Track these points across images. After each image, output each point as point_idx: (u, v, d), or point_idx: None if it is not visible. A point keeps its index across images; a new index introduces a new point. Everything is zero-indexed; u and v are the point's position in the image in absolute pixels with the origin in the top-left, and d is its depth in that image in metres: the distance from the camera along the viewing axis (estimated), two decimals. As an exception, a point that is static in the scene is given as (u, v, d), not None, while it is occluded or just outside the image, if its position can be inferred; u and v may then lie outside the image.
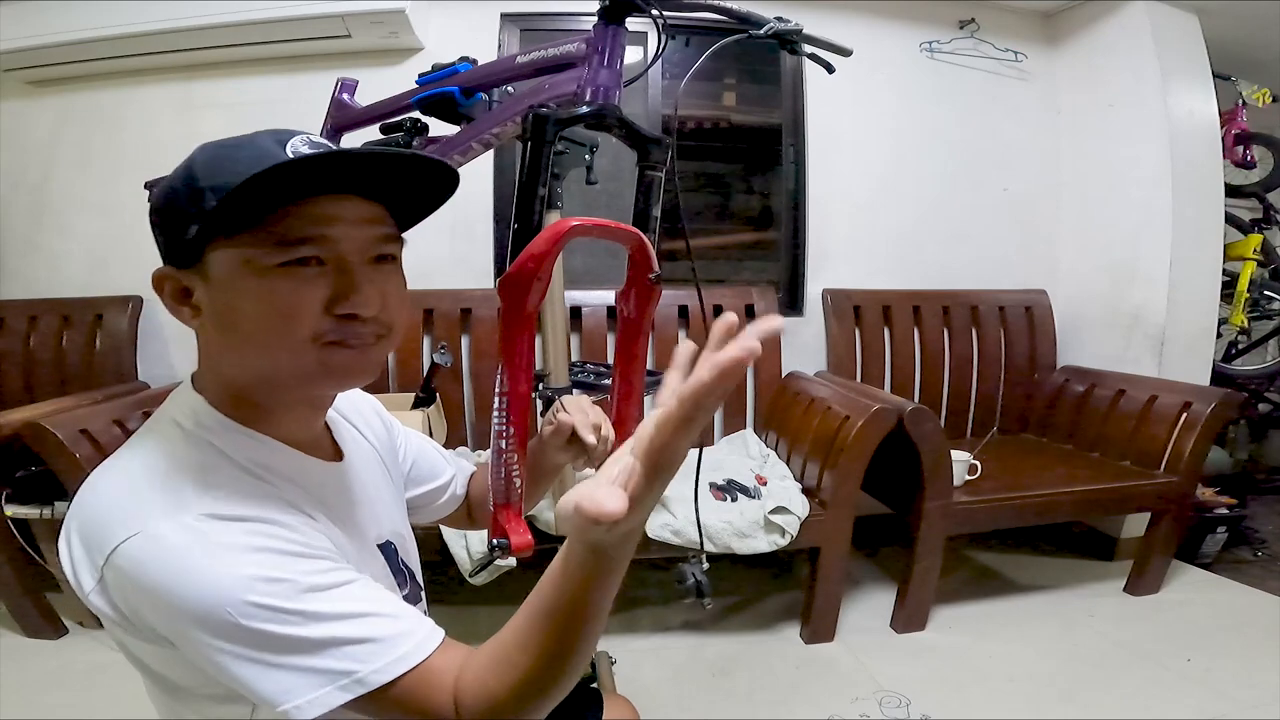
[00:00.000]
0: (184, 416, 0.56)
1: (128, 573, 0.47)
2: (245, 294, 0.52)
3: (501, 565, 1.46)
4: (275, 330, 0.52)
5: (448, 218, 2.24)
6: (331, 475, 0.64)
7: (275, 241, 0.51)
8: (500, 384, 0.80)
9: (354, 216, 0.54)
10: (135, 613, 0.49)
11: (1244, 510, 2.42)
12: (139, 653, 0.54)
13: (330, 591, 0.49)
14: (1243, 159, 2.74)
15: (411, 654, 0.49)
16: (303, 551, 0.50)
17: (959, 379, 2.48)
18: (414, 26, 2.08)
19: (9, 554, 1.72)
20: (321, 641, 0.47)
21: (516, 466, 0.82)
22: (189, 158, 0.53)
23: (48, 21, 2.00)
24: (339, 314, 0.53)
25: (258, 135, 0.54)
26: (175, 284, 0.55)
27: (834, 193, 2.46)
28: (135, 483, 0.51)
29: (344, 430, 0.70)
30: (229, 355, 0.55)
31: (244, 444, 0.56)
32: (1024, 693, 1.63)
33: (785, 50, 1.18)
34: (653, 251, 0.76)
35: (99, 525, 0.49)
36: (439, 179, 0.58)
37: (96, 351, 2.17)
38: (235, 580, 0.46)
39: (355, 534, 0.63)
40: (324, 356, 0.54)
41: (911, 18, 2.47)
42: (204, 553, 0.47)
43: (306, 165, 0.50)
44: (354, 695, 0.47)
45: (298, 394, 0.58)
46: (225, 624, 0.46)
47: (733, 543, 1.67)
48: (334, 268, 0.53)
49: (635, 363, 0.80)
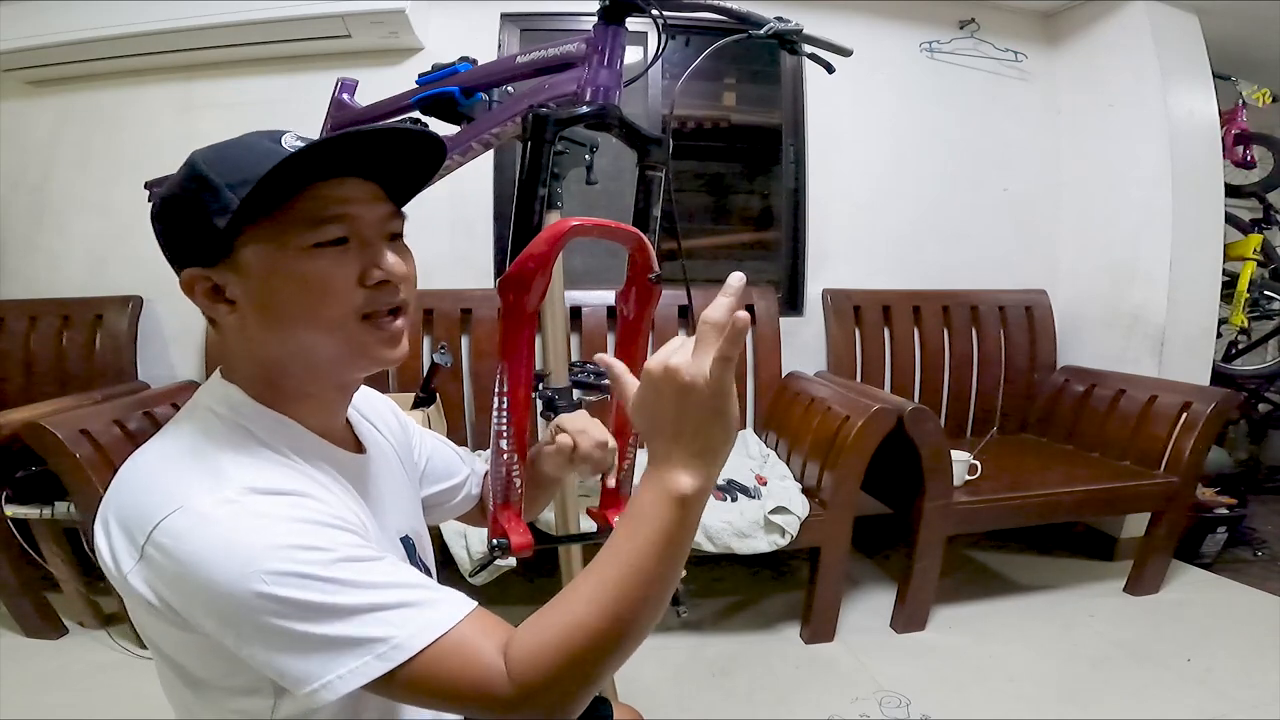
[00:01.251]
0: (218, 404, 0.58)
1: (169, 549, 0.48)
2: (284, 277, 0.54)
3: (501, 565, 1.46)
4: (317, 308, 0.55)
5: (448, 217, 2.25)
6: (358, 465, 0.65)
7: (304, 223, 0.54)
8: (500, 384, 0.80)
9: (365, 196, 0.57)
10: (172, 590, 0.49)
11: (1244, 510, 2.42)
12: (164, 643, 0.54)
13: (364, 563, 0.50)
14: (1243, 159, 2.74)
15: (447, 617, 0.49)
16: (337, 524, 0.51)
17: (959, 379, 2.48)
18: (414, 26, 2.07)
19: (9, 554, 1.71)
20: (358, 608, 0.47)
21: (516, 466, 0.82)
22: (189, 163, 0.55)
23: (48, 21, 1.99)
24: (370, 284, 0.56)
25: (247, 137, 0.56)
26: (207, 283, 0.56)
27: (834, 193, 2.46)
28: (174, 463, 0.53)
29: (363, 427, 0.71)
30: (268, 341, 0.57)
31: (278, 429, 0.58)
32: (1024, 693, 1.63)
33: (785, 50, 1.18)
34: (653, 251, 0.76)
35: (140, 506, 0.50)
36: (428, 153, 0.60)
37: (96, 351, 2.17)
38: (272, 549, 0.47)
39: (381, 523, 0.65)
40: (360, 334, 0.57)
41: (911, 18, 2.47)
42: (243, 524, 0.48)
43: (321, 150, 0.52)
44: (392, 664, 0.46)
45: (333, 377, 0.61)
46: (261, 594, 0.46)
47: (733, 543, 1.67)
48: (357, 244, 0.56)
49: (635, 363, 0.80)
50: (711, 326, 0.49)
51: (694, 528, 0.51)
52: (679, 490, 0.50)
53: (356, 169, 0.57)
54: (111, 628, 1.78)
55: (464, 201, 2.25)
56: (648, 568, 0.49)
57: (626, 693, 1.51)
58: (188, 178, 0.54)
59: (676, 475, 0.50)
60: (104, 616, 1.83)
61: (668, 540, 0.50)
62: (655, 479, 0.51)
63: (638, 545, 0.50)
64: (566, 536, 1.41)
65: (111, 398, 1.85)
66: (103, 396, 1.85)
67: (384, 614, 0.48)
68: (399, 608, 0.48)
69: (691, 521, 0.51)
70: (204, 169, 0.53)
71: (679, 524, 0.50)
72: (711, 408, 0.49)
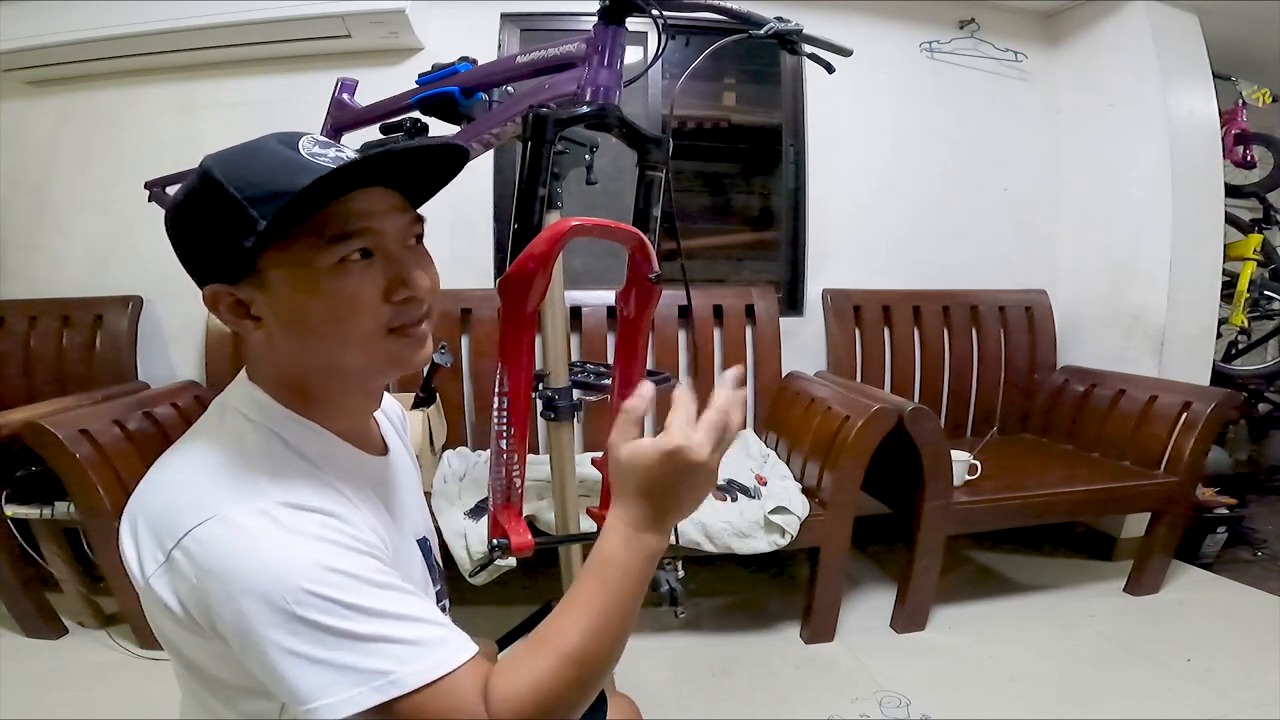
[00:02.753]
0: (248, 408, 0.58)
1: (197, 556, 0.48)
2: (311, 296, 0.54)
3: (501, 565, 1.46)
4: (345, 324, 0.55)
5: (448, 217, 2.25)
6: (381, 469, 0.66)
7: (329, 241, 0.53)
8: (500, 384, 0.80)
9: (387, 207, 0.57)
10: (194, 597, 0.49)
11: (1244, 510, 2.42)
12: (183, 646, 0.55)
13: (384, 591, 0.50)
14: (1243, 159, 2.74)
15: (448, 660, 0.50)
16: (362, 549, 0.52)
17: (959, 379, 2.48)
18: (414, 26, 2.07)
19: (9, 554, 1.71)
20: (368, 637, 0.48)
21: (516, 466, 0.82)
22: (203, 172, 0.53)
23: (48, 21, 1.99)
24: (396, 300, 0.56)
25: (265, 141, 0.55)
26: (231, 299, 0.56)
27: (834, 193, 2.46)
28: (207, 471, 0.53)
29: (385, 427, 0.72)
30: (296, 355, 0.57)
31: (306, 436, 0.58)
32: (1024, 693, 1.63)
33: (785, 50, 1.19)
34: (653, 251, 0.76)
35: (171, 511, 0.50)
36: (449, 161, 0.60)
37: (96, 351, 2.17)
38: (299, 567, 0.48)
39: (400, 528, 0.65)
40: (389, 345, 0.57)
41: (911, 18, 2.47)
42: (274, 538, 0.49)
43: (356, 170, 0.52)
44: (387, 697, 0.47)
45: (361, 385, 0.62)
46: (282, 611, 0.47)
47: (733, 543, 1.67)
48: (381, 257, 0.56)
49: (635, 362, 0.81)
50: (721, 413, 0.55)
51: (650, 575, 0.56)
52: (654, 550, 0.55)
53: (379, 179, 0.56)
54: (111, 628, 1.78)
55: (464, 202, 2.25)
56: (622, 615, 0.53)
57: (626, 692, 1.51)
58: (204, 189, 0.53)
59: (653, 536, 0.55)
60: (104, 616, 1.83)
61: (639, 592, 0.54)
62: (633, 537, 0.55)
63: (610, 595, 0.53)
64: (566, 536, 1.41)
65: (111, 398, 1.85)
66: (103, 396, 1.85)
67: (391, 648, 0.48)
68: (406, 644, 0.49)
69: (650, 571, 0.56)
70: (222, 180, 0.52)
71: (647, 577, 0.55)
72: (703, 486, 0.55)
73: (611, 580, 0.53)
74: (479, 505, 1.67)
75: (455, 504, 1.70)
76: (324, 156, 0.54)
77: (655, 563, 0.55)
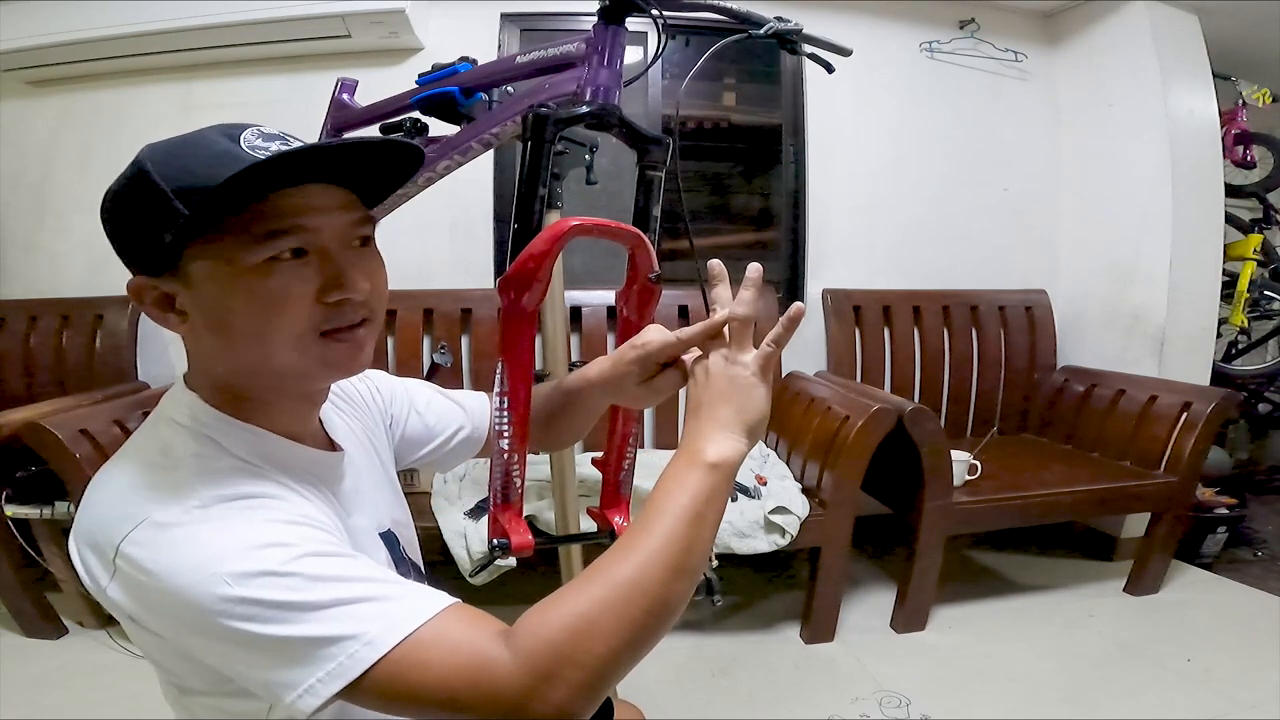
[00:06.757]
0: (180, 414, 0.56)
1: (137, 560, 0.47)
2: (235, 294, 0.51)
3: (501, 565, 1.46)
4: (271, 326, 0.52)
5: (448, 217, 2.25)
6: (329, 462, 0.63)
7: (257, 237, 0.50)
8: (500, 383, 0.80)
9: (327, 204, 0.54)
10: (142, 602, 0.48)
11: (1244, 510, 2.42)
12: (153, 652, 0.54)
13: (330, 558, 0.48)
14: (1243, 159, 2.73)
15: (420, 608, 0.46)
16: (302, 521, 0.50)
17: (959, 379, 2.48)
18: (414, 26, 2.07)
19: (9, 554, 1.71)
20: (321, 603, 0.45)
21: (516, 466, 0.82)
22: (137, 162, 0.52)
23: (48, 21, 1.99)
24: (329, 302, 0.53)
25: (205, 132, 0.52)
26: (156, 292, 0.54)
27: (834, 193, 2.46)
28: (135, 478, 0.51)
29: (337, 425, 0.70)
30: (223, 355, 0.55)
31: (242, 437, 0.56)
32: (1024, 693, 1.63)
33: (785, 50, 1.18)
34: (653, 251, 0.76)
35: (106, 523, 0.49)
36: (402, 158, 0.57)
37: (96, 351, 2.16)
38: (233, 550, 0.46)
39: (357, 522, 0.63)
40: (321, 349, 0.54)
41: (911, 18, 2.47)
42: (205, 530, 0.47)
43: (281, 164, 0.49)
44: (365, 664, 0.44)
45: (295, 388, 0.58)
46: (225, 596, 0.44)
47: (733, 543, 1.67)
48: (317, 257, 0.53)
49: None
50: (741, 321, 0.60)
51: (723, 495, 0.54)
52: (705, 457, 0.54)
53: (319, 175, 0.53)
54: (111, 628, 1.78)
55: (464, 202, 2.25)
56: (685, 540, 0.49)
57: (627, 693, 1.51)
58: (133, 179, 0.51)
59: (704, 443, 0.55)
60: (104, 616, 1.82)
61: (702, 512, 0.51)
62: (682, 449, 0.55)
63: (671, 517, 0.50)
64: (566, 536, 1.41)
65: (111, 398, 1.85)
66: (103, 396, 1.85)
67: (352, 608, 0.45)
68: (367, 601, 0.46)
69: (720, 487, 0.53)
70: (150, 170, 0.50)
71: (714, 496, 0.52)
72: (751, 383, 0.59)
73: (672, 503, 0.50)
74: (479, 505, 1.67)
75: (455, 504, 1.70)
76: (263, 150, 0.50)
77: (723, 477, 0.53)
